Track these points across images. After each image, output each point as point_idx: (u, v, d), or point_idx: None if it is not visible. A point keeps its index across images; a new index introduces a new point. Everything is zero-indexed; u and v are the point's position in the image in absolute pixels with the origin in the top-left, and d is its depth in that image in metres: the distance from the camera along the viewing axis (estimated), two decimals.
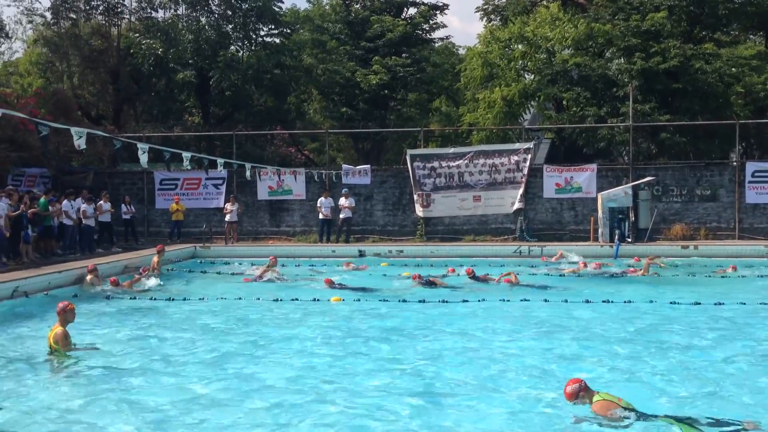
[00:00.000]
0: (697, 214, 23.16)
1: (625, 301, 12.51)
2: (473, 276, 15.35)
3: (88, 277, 14.46)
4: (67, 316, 8.90)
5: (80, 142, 11.88)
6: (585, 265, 17.10)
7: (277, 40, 34.88)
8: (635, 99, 24.55)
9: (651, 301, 12.50)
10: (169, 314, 12.13)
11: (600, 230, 21.61)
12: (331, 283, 14.63)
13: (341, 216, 23.15)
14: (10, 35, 36.11)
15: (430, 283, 14.64)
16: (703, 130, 25.49)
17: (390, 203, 24.85)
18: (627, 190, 21.58)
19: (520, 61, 29.29)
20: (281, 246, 22.81)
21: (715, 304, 12.15)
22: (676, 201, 23.27)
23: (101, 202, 21.29)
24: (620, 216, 21.35)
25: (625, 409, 6.14)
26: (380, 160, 34.73)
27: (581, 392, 6.37)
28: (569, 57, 27.42)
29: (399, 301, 12.93)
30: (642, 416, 6.10)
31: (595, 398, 6.29)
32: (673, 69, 25.10)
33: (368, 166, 25.53)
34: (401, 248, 21.37)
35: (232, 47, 34.21)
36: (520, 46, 29.17)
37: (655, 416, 6.17)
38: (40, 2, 59.14)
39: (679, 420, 6.05)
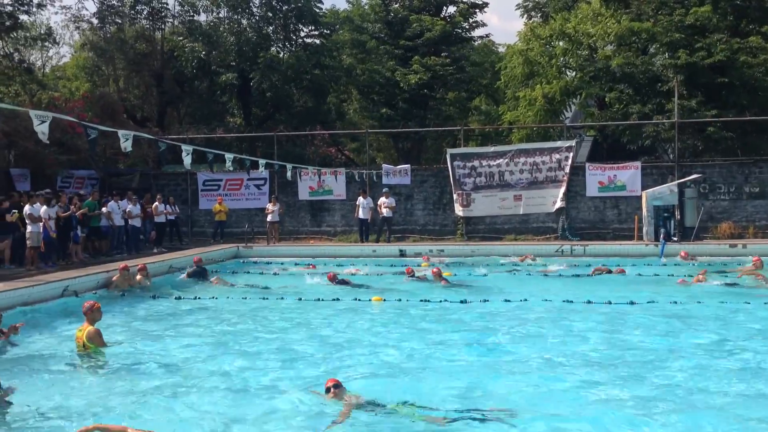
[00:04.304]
0: (745, 212, 22.61)
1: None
2: (412, 275, 15.64)
3: (138, 276, 14.75)
4: (94, 315, 9.04)
5: (127, 145, 12.10)
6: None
7: (317, 41, 35.14)
8: (680, 95, 24.07)
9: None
10: (212, 312, 12.32)
11: (644, 229, 21.25)
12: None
13: (382, 215, 23.18)
14: (57, 40, 37.06)
15: (344, 283, 14.99)
16: (751, 125, 24.85)
17: (430, 203, 24.81)
18: (673, 188, 21.18)
19: (562, 58, 28.98)
20: (322, 246, 22.96)
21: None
22: (724, 198, 22.75)
23: (156, 203, 21.83)
24: (666, 214, 20.96)
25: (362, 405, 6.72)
26: (420, 159, 34.72)
27: (339, 389, 6.93)
28: (612, 53, 27.03)
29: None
30: (379, 409, 6.67)
31: (345, 396, 6.89)
32: (719, 63, 24.55)
33: (408, 165, 25.52)
34: (442, 248, 21.31)
35: (273, 48, 34.56)
36: (561, 43, 28.90)
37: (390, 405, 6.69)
38: (86, 8, 60.45)
39: (414, 406, 6.62)
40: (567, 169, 23.40)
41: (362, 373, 8.33)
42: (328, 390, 6.99)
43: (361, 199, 23.33)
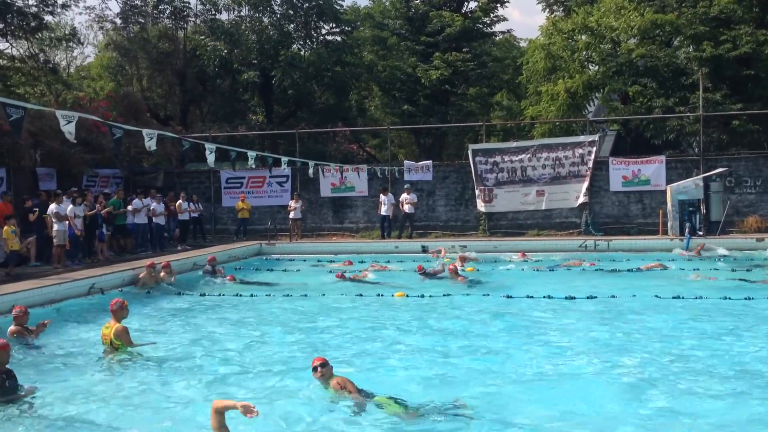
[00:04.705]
0: None
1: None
2: (423, 272, 15.62)
3: (162, 273, 14.91)
4: (123, 313, 9.16)
5: (151, 144, 12.21)
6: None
7: (338, 38, 35.18)
8: (705, 87, 23.77)
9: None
10: (239, 309, 12.42)
11: (669, 223, 21.05)
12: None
13: (403, 212, 23.17)
14: (82, 41, 37.52)
15: (353, 280, 15.21)
16: None
17: (452, 198, 24.77)
18: (698, 182, 20.95)
19: (584, 52, 28.69)
20: (345, 242, 23.01)
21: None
22: (750, 192, 22.44)
23: (180, 201, 22.02)
24: (691, 209, 20.75)
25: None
26: (442, 155, 34.66)
27: (326, 368, 6.99)
28: (635, 47, 26.74)
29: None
30: (367, 396, 6.76)
31: (335, 376, 6.98)
32: (745, 55, 24.21)
33: (430, 161, 25.49)
34: (464, 243, 21.26)
35: (294, 46, 34.66)
36: (583, 37, 28.60)
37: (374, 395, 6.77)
38: (110, 8, 61.07)
39: (396, 401, 6.63)
40: (590, 164, 23.23)
41: (379, 365, 8.46)
42: (315, 369, 7.01)
43: (382, 196, 23.38)
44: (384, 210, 23.19)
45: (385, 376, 8.06)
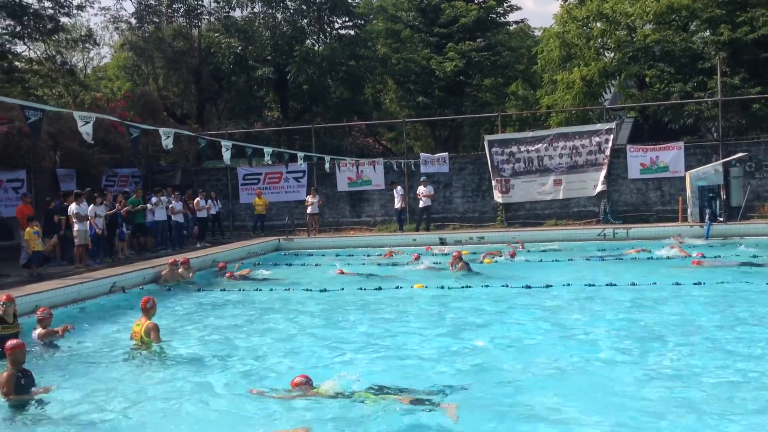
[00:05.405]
0: None
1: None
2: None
3: (180, 269, 15.04)
4: (154, 311, 9.36)
5: (168, 142, 12.35)
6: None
7: (352, 32, 35.18)
8: (723, 72, 23.51)
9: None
10: (260, 304, 12.50)
11: (689, 210, 20.87)
12: None
13: (420, 204, 23.19)
14: (98, 42, 37.80)
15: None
16: None
17: (469, 190, 24.72)
18: (717, 168, 20.75)
19: (599, 40, 28.48)
20: (362, 236, 23.06)
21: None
22: None
23: (198, 199, 22.15)
24: (711, 194, 20.57)
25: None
26: (458, 147, 34.59)
27: (305, 385, 7.06)
28: (651, 32, 26.49)
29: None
30: (346, 396, 6.80)
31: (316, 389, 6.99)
32: (763, 38, 23.90)
33: (446, 153, 25.44)
34: (482, 235, 21.24)
35: (308, 41, 34.71)
36: (598, 24, 28.37)
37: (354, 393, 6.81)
38: (125, 9, 61.45)
39: (377, 394, 6.70)
40: (607, 152, 23.08)
41: (398, 355, 8.53)
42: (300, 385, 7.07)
43: (394, 190, 23.49)
44: (397, 203, 23.28)
45: (402, 365, 8.11)
